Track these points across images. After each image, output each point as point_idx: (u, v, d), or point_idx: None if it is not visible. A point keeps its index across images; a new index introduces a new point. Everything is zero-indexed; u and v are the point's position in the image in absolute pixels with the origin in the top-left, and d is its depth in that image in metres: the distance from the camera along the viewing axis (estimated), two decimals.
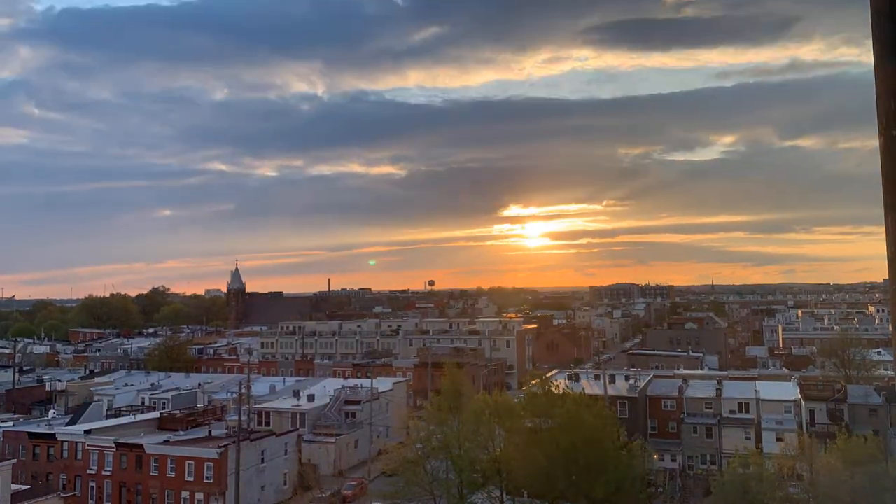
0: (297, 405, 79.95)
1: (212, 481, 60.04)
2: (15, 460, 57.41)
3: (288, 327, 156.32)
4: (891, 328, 3.37)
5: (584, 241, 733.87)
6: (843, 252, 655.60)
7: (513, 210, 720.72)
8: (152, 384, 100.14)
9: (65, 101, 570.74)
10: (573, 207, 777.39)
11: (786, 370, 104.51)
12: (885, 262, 2.86)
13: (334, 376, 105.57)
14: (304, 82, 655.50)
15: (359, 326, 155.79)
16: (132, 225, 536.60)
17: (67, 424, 72.86)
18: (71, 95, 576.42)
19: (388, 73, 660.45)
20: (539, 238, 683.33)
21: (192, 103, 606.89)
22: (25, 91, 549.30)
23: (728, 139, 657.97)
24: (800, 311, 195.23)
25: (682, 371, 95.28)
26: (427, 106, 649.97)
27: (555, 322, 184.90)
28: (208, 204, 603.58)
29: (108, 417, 77.39)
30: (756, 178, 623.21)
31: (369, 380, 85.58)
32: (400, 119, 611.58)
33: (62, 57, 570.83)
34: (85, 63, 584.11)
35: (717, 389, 75.45)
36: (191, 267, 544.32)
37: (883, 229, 2.88)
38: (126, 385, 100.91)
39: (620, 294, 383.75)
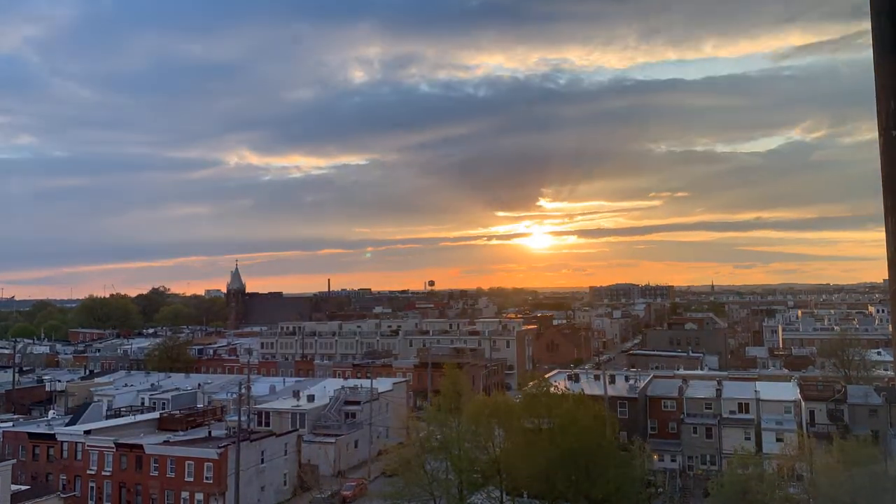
0: (297, 405, 79.92)
1: (212, 482, 60.02)
2: (15, 460, 57.37)
3: (288, 327, 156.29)
4: (891, 328, 3.37)
5: (610, 238, 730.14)
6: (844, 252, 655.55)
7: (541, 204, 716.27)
8: (152, 384, 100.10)
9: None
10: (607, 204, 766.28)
11: (786, 370, 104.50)
12: (885, 263, 2.86)
13: (334, 377, 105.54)
14: None
15: (359, 327, 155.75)
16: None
17: (67, 425, 72.84)
18: None
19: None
20: (565, 236, 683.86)
21: None
22: None
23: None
24: (800, 312, 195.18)
25: (682, 371, 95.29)
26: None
27: (555, 322, 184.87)
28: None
29: (107, 418, 77.36)
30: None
31: (369, 380, 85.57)
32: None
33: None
34: None
35: (716, 390, 75.44)
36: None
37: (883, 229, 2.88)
38: (126, 385, 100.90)
39: (620, 294, 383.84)
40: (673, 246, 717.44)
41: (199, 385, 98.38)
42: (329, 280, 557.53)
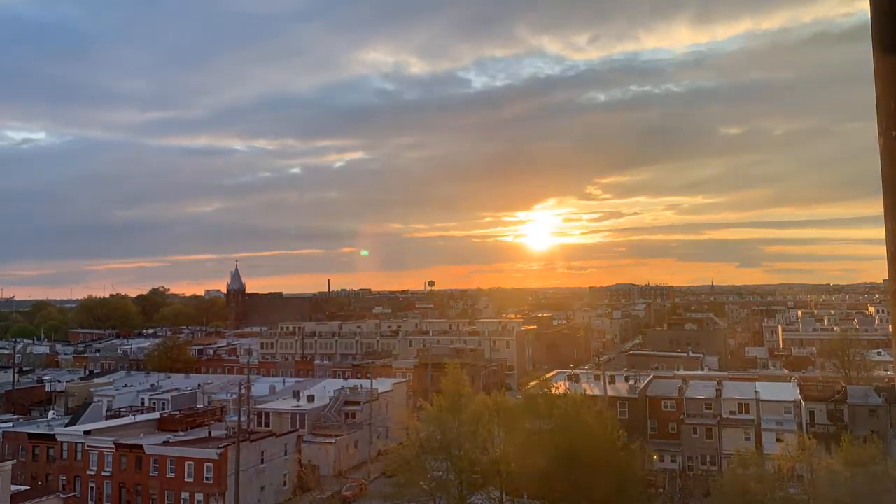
0: (297, 406, 79.92)
1: (211, 482, 60.01)
2: (14, 461, 57.32)
3: (288, 328, 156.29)
4: (891, 328, 3.37)
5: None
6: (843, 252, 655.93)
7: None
8: (152, 385, 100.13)
9: None
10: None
11: (786, 371, 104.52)
12: (885, 263, 2.86)
13: (334, 377, 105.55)
14: None
15: (358, 327, 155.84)
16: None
17: (67, 425, 72.89)
18: None
19: None
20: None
21: None
22: None
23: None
24: (800, 312, 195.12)
25: (681, 372, 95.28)
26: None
27: (554, 323, 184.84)
28: None
29: (107, 418, 77.38)
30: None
31: (369, 380, 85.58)
32: None
33: None
34: None
35: (716, 390, 75.46)
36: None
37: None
38: (126, 386, 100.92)
39: (620, 295, 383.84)
40: (672, 246, 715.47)
41: (199, 385, 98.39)
42: (329, 280, 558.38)
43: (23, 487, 53.10)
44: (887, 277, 2.91)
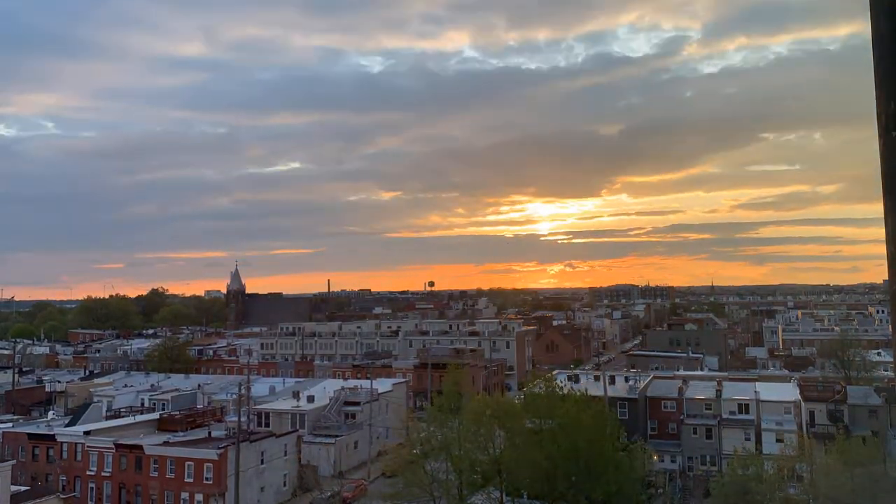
0: (297, 406, 79.90)
1: (211, 482, 60.00)
2: (14, 461, 57.38)
3: (288, 328, 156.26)
4: (891, 329, 3.38)
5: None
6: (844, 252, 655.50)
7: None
8: (152, 385, 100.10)
9: None
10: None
11: (786, 371, 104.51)
12: (885, 263, 2.86)
13: (334, 377, 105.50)
14: None
15: (358, 327, 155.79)
16: None
17: (67, 425, 72.81)
18: None
19: None
20: None
21: None
22: None
23: None
24: (800, 312, 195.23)
25: (681, 372, 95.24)
26: None
27: (554, 323, 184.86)
28: None
29: (107, 418, 77.31)
30: None
31: (369, 381, 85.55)
32: None
33: None
34: None
35: (716, 390, 75.43)
36: None
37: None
38: (126, 386, 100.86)
39: (620, 295, 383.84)
40: (673, 245, 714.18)
41: (199, 386, 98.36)
42: (329, 281, 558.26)
43: (23, 488, 53.09)
44: (887, 277, 2.92)
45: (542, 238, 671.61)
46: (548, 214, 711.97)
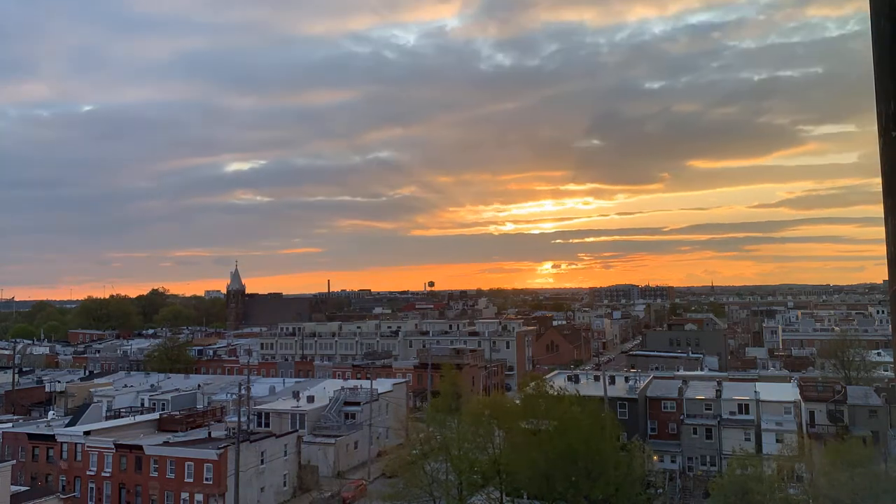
0: (297, 406, 79.88)
1: (211, 482, 59.98)
2: (14, 461, 57.37)
3: (287, 328, 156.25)
4: (891, 329, 3.37)
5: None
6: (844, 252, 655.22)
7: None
8: (152, 385, 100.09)
9: None
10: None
11: (786, 371, 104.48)
12: (885, 263, 2.86)
13: (334, 377, 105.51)
14: None
15: (358, 328, 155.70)
16: None
17: (67, 425, 72.77)
18: None
19: None
20: None
21: None
22: None
23: None
24: (800, 313, 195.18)
25: (681, 372, 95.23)
26: None
27: (554, 323, 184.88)
28: None
29: (107, 418, 77.28)
30: None
31: (369, 381, 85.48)
32: None
33: None
34: None
35: (716, 391, 75.39)
36: None
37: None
38: (125, 386, 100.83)
39: (620, 295, 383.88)
40: (671, 245, 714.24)
41: (199, 386, 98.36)
42: (329, 281, 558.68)
43: (23, 488, 53.07)
44: (887, 277, 2.92)
45: (548, 235, 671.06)
46: (553, 211, 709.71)
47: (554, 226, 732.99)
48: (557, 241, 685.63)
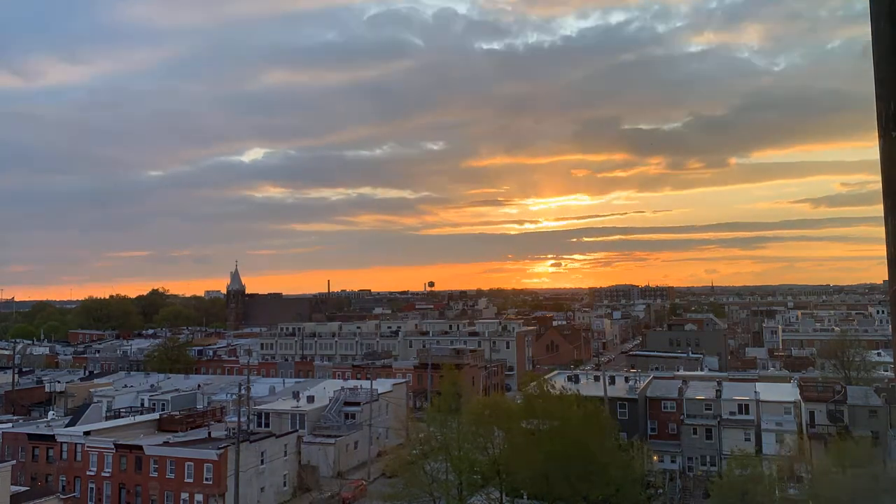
0: (297, 406, 79.88)
1: (211, 483, 59.98)
2: (14, 461, 57.40)
3: (287, 328, 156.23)
4: (891, 329, 3.38)
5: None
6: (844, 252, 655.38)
7: None
8: (152, 385, 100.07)
9: None
10: None
11: (786, 371, 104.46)
12: (885, 263, 2.86)
13: (334, 377, 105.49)
14: None
15: (358, 328, 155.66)
16: None
17: (67, 426, 72.79)
18: None
19: None
20: None
21: None
22: None
23: None
24: (800, 313, 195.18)
25: (681, 372, 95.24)
26: None
27: (554, 323, 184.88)
28: None
29: (107, 419, 77.29)
30: None
31: (369, 381, 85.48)
32: None
33: None
34: None
35: (716, 391, 75.41)
36: None
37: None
38: (125, 386, 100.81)
39: (620, 295, 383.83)
40: (671, 244, 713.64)
41: (199, 386, 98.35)
42: (329, 281, 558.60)
43: (22, 488, 53.06)
44: (887, 277, 2.91)
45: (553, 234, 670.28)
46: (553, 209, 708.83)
47: (554, 225, 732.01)
48: (557, 240, 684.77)
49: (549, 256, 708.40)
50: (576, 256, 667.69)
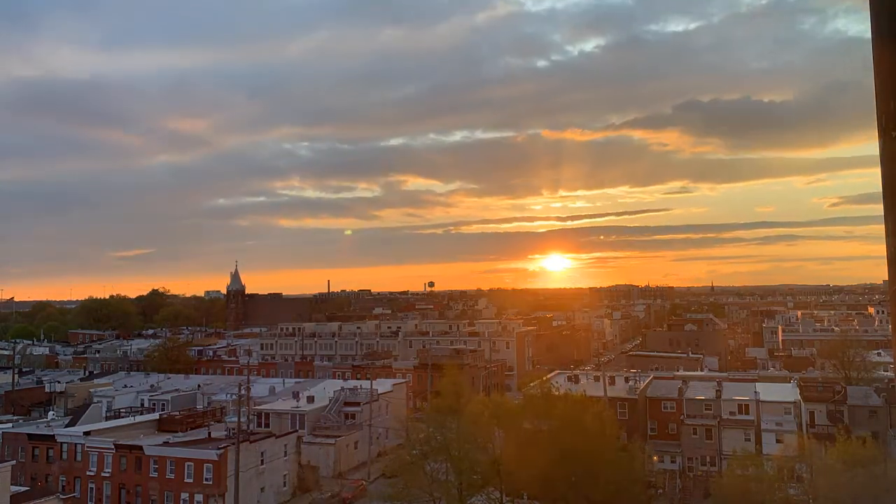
0: (297, 406, 79.89)
1: (211, 483, 59.98)
2: (14, 462, 57.36)
3: (287, 329, 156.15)
4: (891, 329, 3.37)
5: None
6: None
7: None
8: (152, 385, 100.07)
9: None
10: None
11: (786, 371, 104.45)
12: (885, 263, 2.85)
13: (334, 378, 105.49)
14: None
15: (358, 328, 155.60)
16: None
17: (67, 426, 72.83)
18: None
19: None
20: None
21: None
22: None
23: None
24: (800, 313, 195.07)
25: (681, 372, 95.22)
26: None
27: (554, 323, 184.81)
28: None
29: (107, 419, 77.36)
30: None
31: (369, 381, 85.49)
32: None
33: None
34: None
35: (716, 391, 75.39)
36: None
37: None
38: (125, 386, 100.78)
39: (620, 295, 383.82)
40: (671, 244, 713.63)
41: (199, 386, 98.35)
42: (329, 281, 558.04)
43: (23, 488, 53.04)
44: (887, 277, 2.91)
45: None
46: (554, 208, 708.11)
47: (554, 224, 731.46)
48: (557, 240, 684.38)
49: (549, 256, 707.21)
50: (580, 256, 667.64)
